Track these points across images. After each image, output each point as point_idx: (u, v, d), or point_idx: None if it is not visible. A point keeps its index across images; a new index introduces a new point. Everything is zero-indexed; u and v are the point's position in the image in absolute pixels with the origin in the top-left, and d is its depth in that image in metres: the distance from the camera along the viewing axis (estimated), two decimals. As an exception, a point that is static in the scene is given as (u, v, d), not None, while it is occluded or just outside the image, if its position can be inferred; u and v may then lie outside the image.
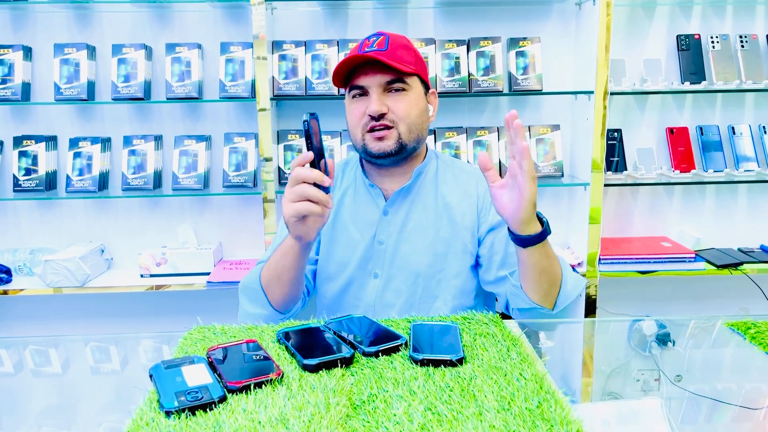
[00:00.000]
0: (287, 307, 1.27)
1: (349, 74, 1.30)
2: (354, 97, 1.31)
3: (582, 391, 0.99)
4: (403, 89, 1.28)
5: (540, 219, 1.12)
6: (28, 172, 2.23)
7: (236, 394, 0.81)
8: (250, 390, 0.82)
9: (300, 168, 1.05)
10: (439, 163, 1.42)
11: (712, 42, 2.30)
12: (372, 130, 1.28)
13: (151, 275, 2.25)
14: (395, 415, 0.76)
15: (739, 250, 2.41)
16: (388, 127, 1.27)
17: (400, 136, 1.28)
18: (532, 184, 1.04)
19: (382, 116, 1.26)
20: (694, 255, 2.26)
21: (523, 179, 1.03)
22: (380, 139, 1.28)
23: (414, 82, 1.30)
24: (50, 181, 2.27)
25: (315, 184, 1.04)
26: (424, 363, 0.90)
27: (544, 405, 0.77)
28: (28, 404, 0.98)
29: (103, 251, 2.35)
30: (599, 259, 2.24)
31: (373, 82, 1.27)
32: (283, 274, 1.22)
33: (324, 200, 1.05)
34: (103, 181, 2.27)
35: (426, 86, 1.36)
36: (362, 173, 1.40)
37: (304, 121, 1.02)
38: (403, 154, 1.31)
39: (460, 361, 0.90)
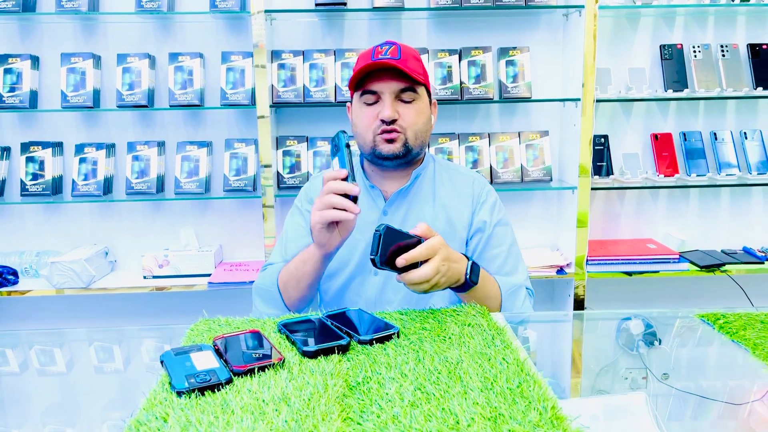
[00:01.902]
0: (300, 307, 1.35)
1: (360, 79, 1.36)
2: (365, 101, 1.37)
3: (571, 389, 1.04)
4: (413, 99, 1.35)
5: (469, 273, 1.19)
6: (34, 177, 2.30)
7: (241, 377, 0.87)
8: (254, 373, 0.88)
9: (332, 181, 1.14)
10: (436, 166, 1.50)
11: (694, 51, 2.39)
12: (383, 133, 1.35)
13: (154, 276, 2.32)
14: (387, 394, 0.82)
15: (723, 251, 2.49)
16: (397, 132, 1.35)
17: (407, 141, 1.36)
18: (419, 287, 1.13)
19: (393, 122, 1.34)
20: (678, 256, 2.34)
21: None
22: (390, 141, 1.35)
23: (422, 92, 1.38)
24: (56, 186, 2.34)
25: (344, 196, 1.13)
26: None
27: (524, 385, 0.84)
28: (35, 397, 1.03)
29: (107, 253, 2.42)
30: (587, 260, 2.31)
31: (387, 88, 1.33)
32: (302, 280, 1.30)
33: (351, 207, 1.13)
34: (107, 186, 2.35)
35: (429, 96, 1.43)
36: (363, 175, 1.47)
37: (336, 137, 1.12)
38: (408, 158, 1.39)
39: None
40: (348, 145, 1.13)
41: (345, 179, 1.14)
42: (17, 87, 2.26)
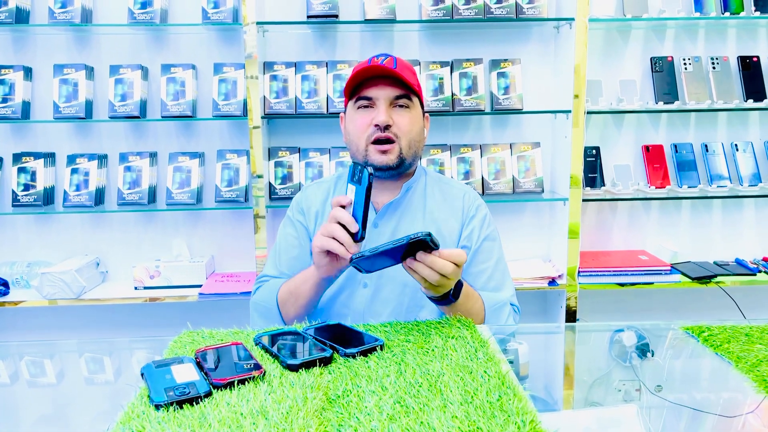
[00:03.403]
0: (299, 322, 1.35)
1: (356, 86, 1.37)
2: (359, 108, 1.37)
3: (563, 401, 1.04)
4: (408, 106, 1.36)
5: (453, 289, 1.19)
6: (26, 187, 2.30)
7: (221, 390, 0.87)
8: (234, 386, 0.88)
9: (339, 208, 1.14)
10: (427, 179, 1.49)
11: (685, 64, 2.40)
12: (376, 141, 1.34)
13: (145, 287, 2.31)
14: (366, 408, 0.82)
15: (715, 263, 2.49)
16: (390, 141, 1.34)
17: (401, 151, 1.35)
18: (433, 290, 1.15)
19: (387, 128, 1.34)
20: (669, 268, 2.33)
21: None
22: (383, 152, 1.34)
23: (416, 102, 1.39)
24: (48, 196, 2.34)
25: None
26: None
27: (504, 398, 0.84)
28: (22, 408, 1.03)
29: (98, 264, 2.42)
30: (579, 272, 2.31)
31: (382, 94, 1.34)
32: (300, 298, 1.30)
33: (347, 243, 1.12)
34: (99, 196, 2.35)
35: (423, 108, 1.44)
36: None
37: (370, 175, 1.10)
38: (401, 169, 1.38)
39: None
40: (370, 184, 1.11)
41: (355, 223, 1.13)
42: (10, 98, 2.26)
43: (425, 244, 1.04)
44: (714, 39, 2.48)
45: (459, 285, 1.20)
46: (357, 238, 1.12)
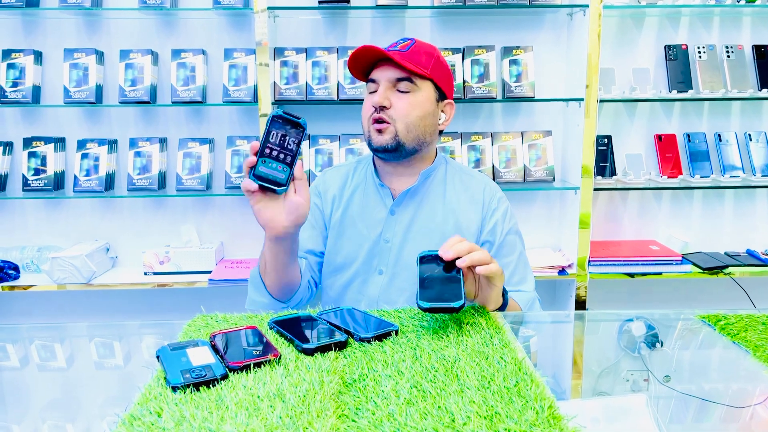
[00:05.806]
0: (284, 296, 1.33)
1: (369, 69, 1.38)
2: (370, 91, 1.37)
3: (572, 390, 1.03)
4: (409, 90, 1.33)
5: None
6: (37, 172, 2.30)
7: (237, 373, 0.87)
8: (250, 369, 0.88)
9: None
10: (448, 168, 1.47)
11: (699, 52, 2.38)
12: (375, 122, 1.34)
13: (155, 273, 2.32)
14: (383, 392, 0.82)
15: (726, 253, 2.47)
16: (386, 123, 1.33)
17: (397, 133, 1.33)
18: (495, 283, 1.13)
19: (383, 109, 1.32)
20: (680, 258, 2.32)
21: (488, 284, 1.13)
22: (379, 132, 1.33)
23: (425, 86, 1.34)
24: (58, 181, 2.34)
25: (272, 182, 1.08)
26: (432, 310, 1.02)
27: (521, 384, 0.83)
28: (34, 391, 1.03)
29: (108, 249, 2.42)
30: (589, 261, 2.30)
31: (382, 76, 1.33)
32: (268, 264, 1.26)
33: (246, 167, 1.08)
34: (109, 182, 2.35)
35: (442, 95, 1.40)
36: (374, 172, 1.45)
37: (304, 129, 1.06)
38: (401, 152, 1.35)
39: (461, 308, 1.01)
40: (269, 125, 1.05)
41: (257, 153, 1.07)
42: (20, 82, 2.26)
43: (437, 258, 1.11)
44: (729, 27, 2.45)
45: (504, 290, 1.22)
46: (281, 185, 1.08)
